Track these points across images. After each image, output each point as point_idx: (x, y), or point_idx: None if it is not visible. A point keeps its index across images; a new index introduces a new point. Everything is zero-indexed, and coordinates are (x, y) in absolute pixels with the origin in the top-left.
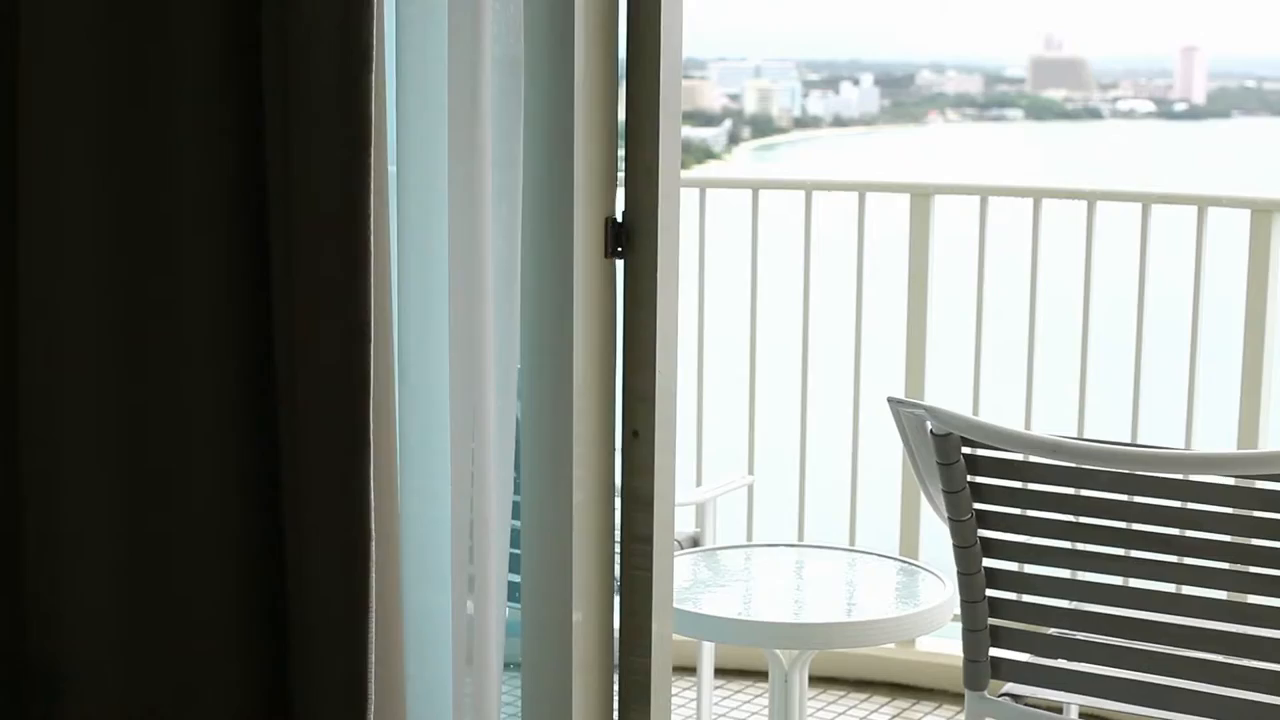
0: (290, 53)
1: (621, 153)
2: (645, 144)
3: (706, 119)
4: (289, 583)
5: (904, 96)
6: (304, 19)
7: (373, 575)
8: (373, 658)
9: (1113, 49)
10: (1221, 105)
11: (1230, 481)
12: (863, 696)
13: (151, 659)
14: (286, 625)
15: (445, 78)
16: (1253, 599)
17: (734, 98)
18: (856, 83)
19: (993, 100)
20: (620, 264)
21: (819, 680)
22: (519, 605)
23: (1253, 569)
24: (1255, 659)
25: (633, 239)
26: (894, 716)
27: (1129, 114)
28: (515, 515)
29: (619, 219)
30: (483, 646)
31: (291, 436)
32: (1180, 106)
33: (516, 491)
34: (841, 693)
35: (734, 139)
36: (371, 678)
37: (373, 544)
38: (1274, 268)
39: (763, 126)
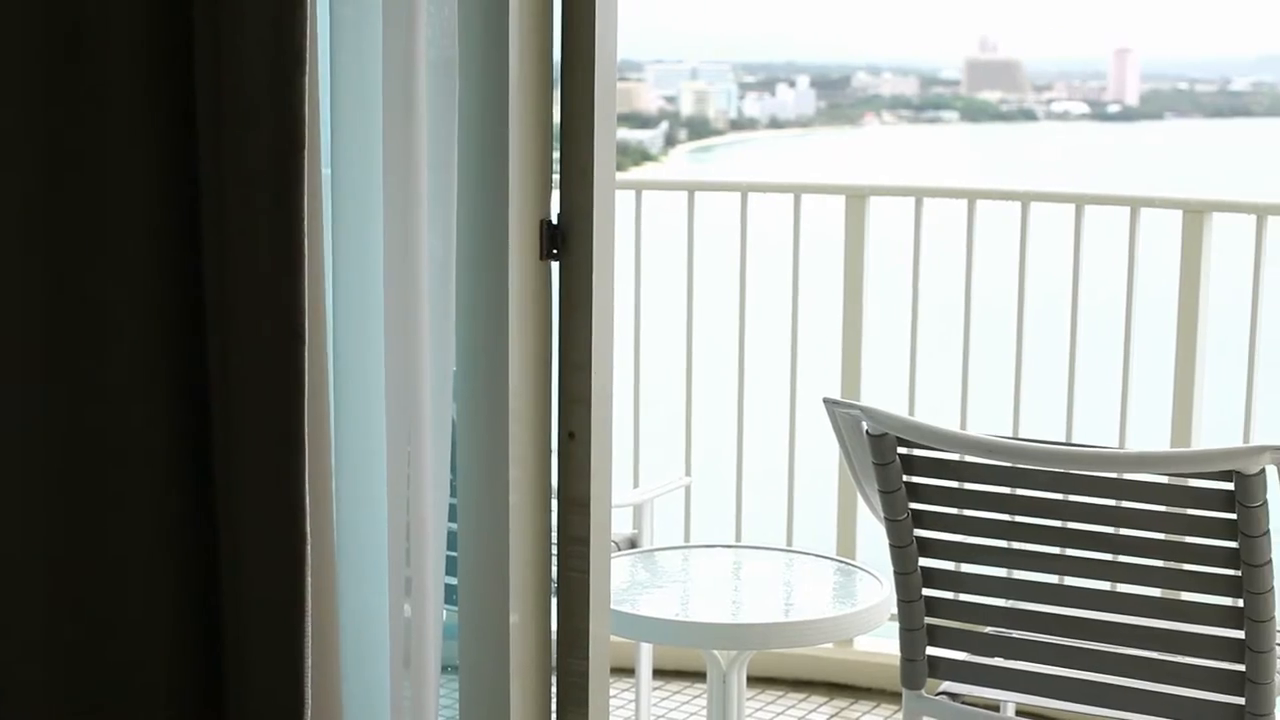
0: (223, 52)
1: (556, 154)
2: (580, 146)
3: (643, 121)
4: (223, 586)
5: (840, 98)
6: (237, 18)
7: (308, 578)
8: (309, 661)
9: (1047, 51)
10: (1154, 107)
11: (1164, 480)
12: (801, 696)
13: (83, 663)
14: (221, 628)
15: (380, 79)
16: (1187, 596)
17: (670, 100)
18: (792, 85)
19: (928, 102)
20: (555, 266)
21: (757, 680)
22: (456, 608)
23: (1186, 566)
24: (1189, 655)
25: (568, 241)
26: (832, 716)
27: (1063, 115)
28: (452, 518)
29: (554, 221)
30: (420, 649)
31: (225, 438)
32: (1113, 108)
33: (453, 494)
34: (780, 693)
35: (670, 141)
36: (308, 682)
37: (308, 547)
38: (1205, 268)
39: (699, 128)
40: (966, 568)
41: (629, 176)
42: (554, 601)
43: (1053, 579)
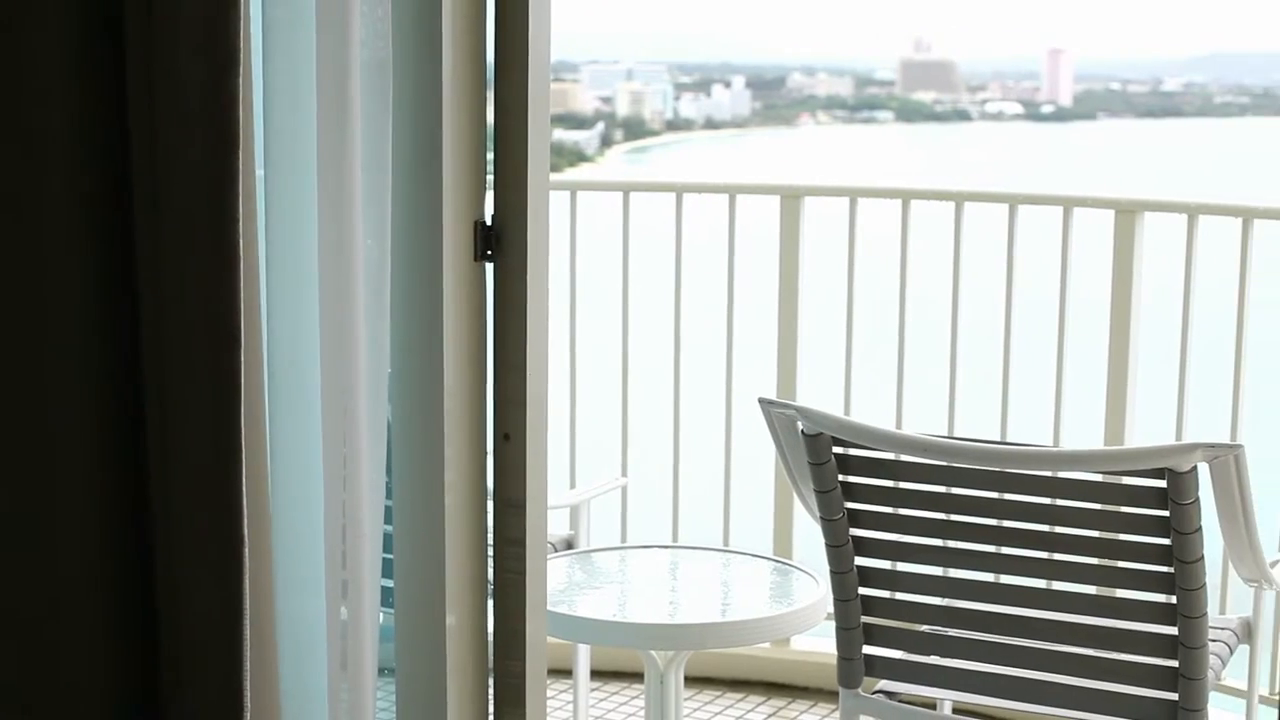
0: (156, 55)
1: (491, 156)
2: (514, 147)
3: (578, 122)
4: (160, 591)
5: (775, 99)
6: (170, 20)
7: (247, 581)
8: (248, 665)
9: (981, 51)
10: (1087, 107)
11: (1097, 478)
12: (738, 696)
13: (15, 665)
14: (159, 633)
15: (313, 80)
16: (1121, 593)
17: (606, 100)
18: (728, 85)
19: (863, 102)
20: (490, 267)
21: (695, 680)
22: (392, 610)
23: (1120, 563)
24: (1124, 652)
25: (502, 242)
26: (770, 715)
27: (997, 116)
28: (387, 520)
29: (488, 222)
30: (357, 652)
31: (161, 442)
32: (1047, 108)
33: (388, 496)
34: (717, 692)
35: (606, 141)
36: (247, 686)
37: (246, 549)
38: (1138, 267)
39: (635, 129)
40: (902, 566)
41: (564, 177)
42: (490, 603)
43: (988, 577)
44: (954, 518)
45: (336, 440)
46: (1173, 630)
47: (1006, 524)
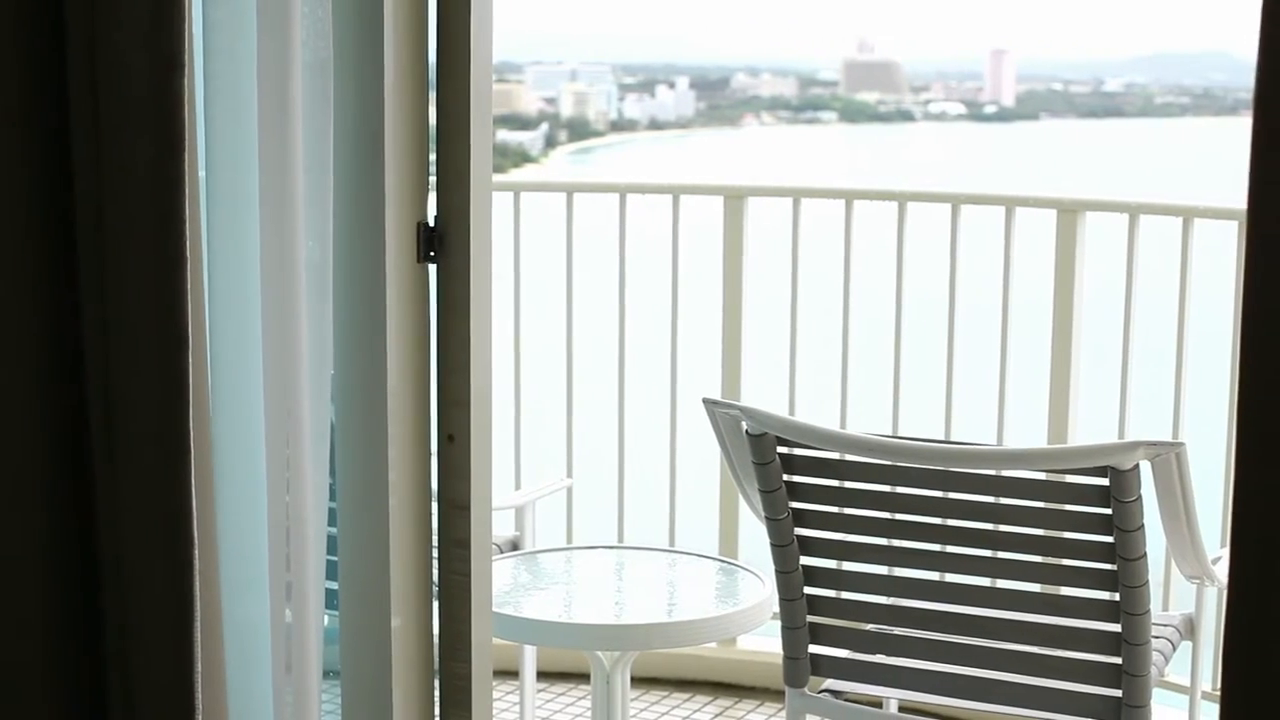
0: (99, 58)
1: (433, 157)
2: (457, 148)
3: (523, 122)
4: (110, 593)
5: (719, 99)
6: (113, 23)
7: (196, 583)
8: (199, 667)
9: (924, 52)
10: (1030, 107)
11: (1041, 476)
12: (685, 696)
13: None
14: (107, 637)
15: (254, 81)
16: (1065, 591)
17: (550, 101)
18: (672, 86)
19: (807, 103)
20: (433, 268)
21: (641, 681)
22: (337, 612)
23: (1064, 561)
24: (1068, 649)
25: (445, 243)
26: (716, 715)
27: (940, 116)
28: (331, 522)
29: (431, 223)
30: (301, 655)
31: (108, 445)
32: (990, 109)
33: (332, 498)
34: (664, 693)
35: (551, 142)
36: (198, 688)
37: (195, 552)
38: (1080, 266)
39: (579, 130)
40: (848, 566)
41: (508, 178)
42: (435, 605)
43: (933, 576)
44: (899, 517)
45: (279, 442)
46: (1116, 627)
47: (951, 523)
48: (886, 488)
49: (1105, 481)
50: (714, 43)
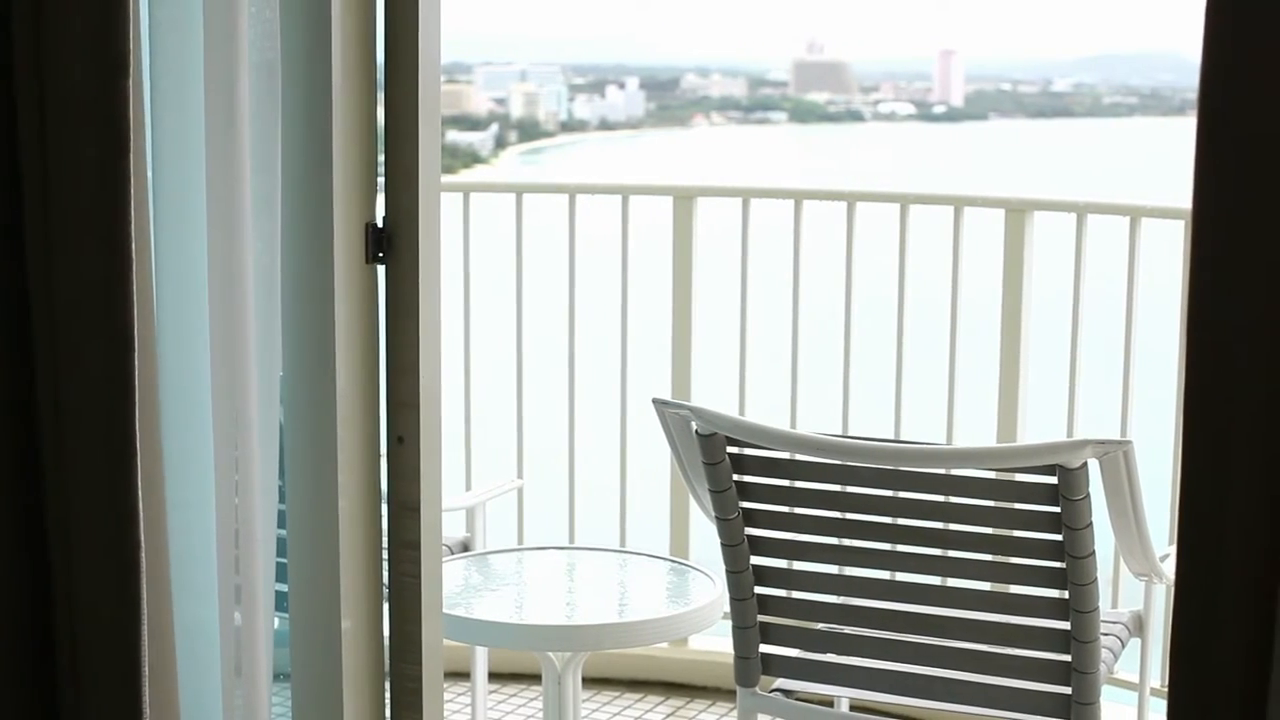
0: (44, 60)
1: (382, 158)
2: (405, 148)
3: (473, 123)
4: (58, 597)
5: (669, 100)
6: (57, 26)
7: (144, 586)
8: (146, 671)
9: (873, 52)
10: (979, 107)
11: (990, 475)
12: (637, 696)
13: None
14: (56, 641)
15: (201, 82)
16: (1014, 589)
17: (500, 102)
18: (622, 86)
19: (756, 103)
20: (382, 269)
21: (593, 681)
22: (287, 615)
23: (1013, 560)
24: (1018, 647)
25: (394, 244)
26: (668, 715)
27: (890, 116)
28: (281, 524)
29: (380, 224)
30: (251, 658)
31: (56, 447)
32: (939, 109)
33: (282, 500)
34: (616, 693)
35: (501, 143)
36: (145, 693)
37: (142, 555)
38: (1028, 265)
39: (529, 130)
40: (798, 565)
41: (457, 179)
42: (386, 607)
43: (884, 575)
44: (849, 516)
45: (228, 444)
46: (1065, 625)
47: (901, 522)
48: (836, 487)
49: (1054, 480)
50: (664, 43)
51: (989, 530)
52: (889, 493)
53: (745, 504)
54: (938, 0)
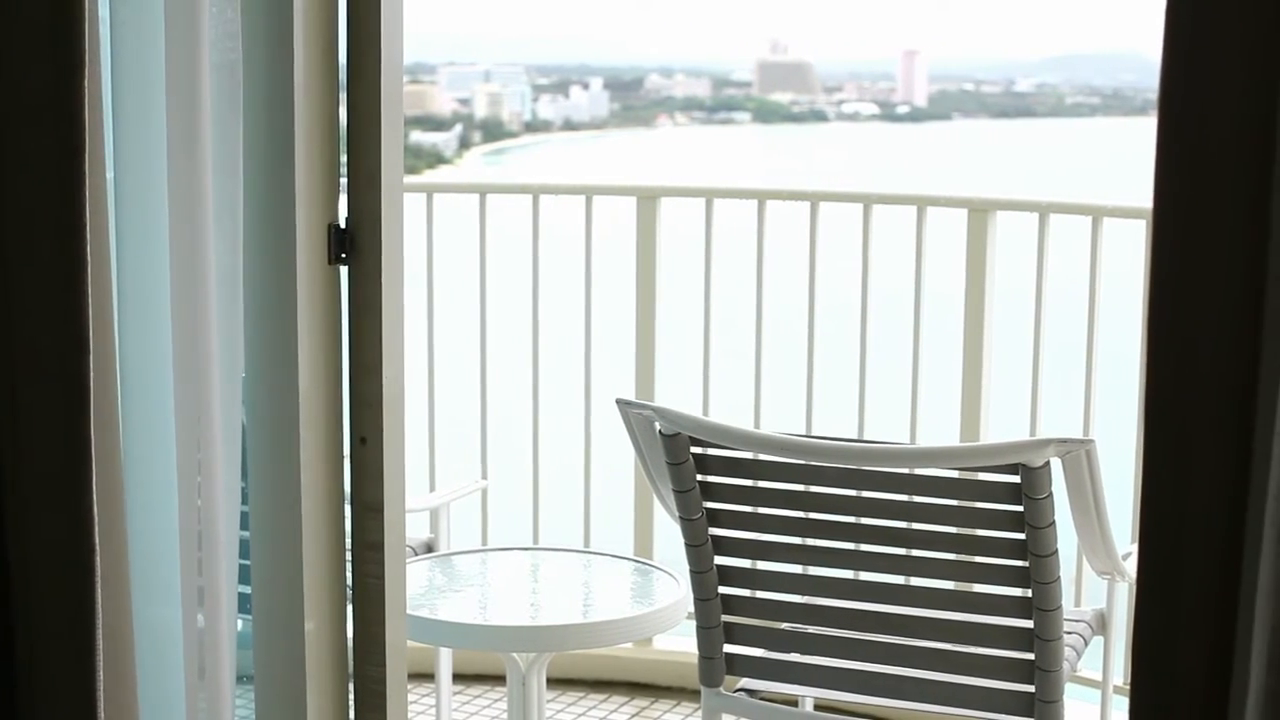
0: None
1: (344, 158)
2: (367, 149)
3: (437, 123)
4: (12, 600)
5: (633, 100)
6: (11, 24)
7: (99, 590)
8: (101, 674)
9: (837, 53)
10: (942, 108)
11: (953, 474)
12: (602, 697)
13: None
14: (12, 643)
15: (162, 84)
16: (978, 588)
17: (464, 102)
18: (586, 87)
19: (720, 103)
20: (345, 270)
21: (558, 682)
22: (250, 617)
23: (977, 559)
24: (982, 646)
25: (357, 244)
26: (633, 715)
27: (853, 116)
28: (244, 525)
29: (342, 225)
30: (214, 660)
31: (11, 450)
32: (902, 109)
33: (244, 501)
34: (580, 694)
35: (465, 143)
36: (100, 695)
37: (97, 558)
38: (990, 265)
39: (493, 131)
40: (762, 565)
41: (420, 179)
42: (349, 608)
43: (847, 574)
44: (812, 516)
45: (190, 445)
46: (1028, 623)
47: (864, 521)
48: (800, 487)
49: (1017, 479)
50: (628, 43)
51: (952, 529)
52: (853, 492)
53: (709, 504)
54: (901, 1)
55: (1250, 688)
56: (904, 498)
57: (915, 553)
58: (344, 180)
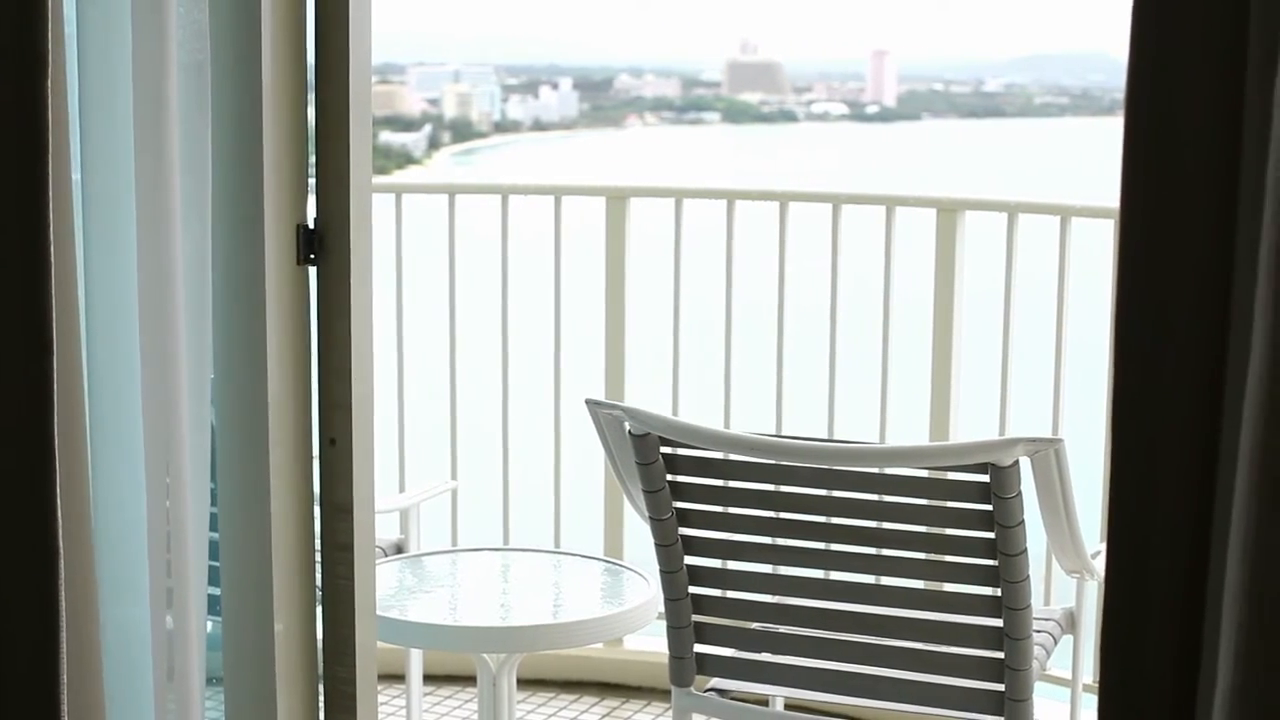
0: None
1: (313, 158)
2: (336, 149)
3: (406, 124)
4: None
5: (603, 100)
6: None
7: (62, 592)
8: (65, 676)
9: (806, 53)
10: (911, 108)
11: (923, 473)
12: (572, 697)
13: None
14: None
15: (129, 83)
16: (948, 587)
17: (433, 102)
18: (555, 87)
19: (690, 103)
20: (313, 270)
21: (528, 683)
22: (219, 618)
23: (947, 558)
24: (951, 645)
25: (325, 245)
26: (604, 716)
27: (823, 116)
28: (213, 527)
29: (311, 225)
30: (184, 662)
31: None
32: (872, 109)
33: (213, 502)
34: (551, 694)
35: (434, 144)
36: (64, 697)
37: (61, 561)
38: (959, 264)
39: (463, 131)
40: (732, 565)
41: (389, 180)
42: (319, 609)
43: (818, 574)
44: (782, 515)
45: (159, 446)
46: (998, 622)
47: (834, 521)
48: (770, 487)
49: (986, 478)
50: (597, 43)
51: (922, 528)
52: (823, 492)
53: (679, 504)
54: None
55: (1218, 685)
56: (874, 497)
57: (885, 552)
58: (313, 180)
